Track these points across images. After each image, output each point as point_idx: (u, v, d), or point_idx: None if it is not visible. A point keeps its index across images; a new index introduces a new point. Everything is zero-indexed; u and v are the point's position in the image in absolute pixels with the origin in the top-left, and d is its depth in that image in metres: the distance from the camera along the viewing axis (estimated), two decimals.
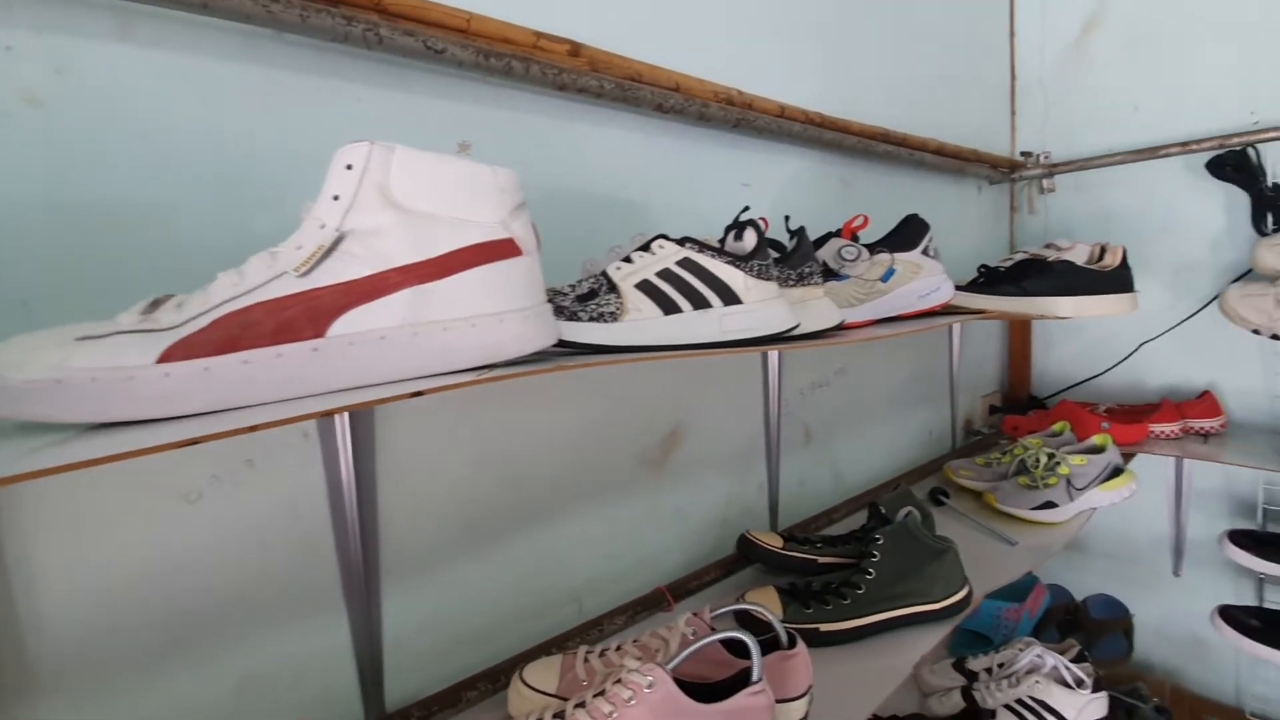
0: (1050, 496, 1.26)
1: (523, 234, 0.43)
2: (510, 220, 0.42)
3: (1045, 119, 1.75)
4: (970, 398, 1.75)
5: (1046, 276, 1.08)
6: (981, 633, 1.51)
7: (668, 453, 1.01)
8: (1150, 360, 1.65)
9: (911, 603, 0.88)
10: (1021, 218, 1.82)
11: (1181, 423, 1.49)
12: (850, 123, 1.17)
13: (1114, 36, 1.63)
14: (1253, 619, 1.38)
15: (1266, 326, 1.28)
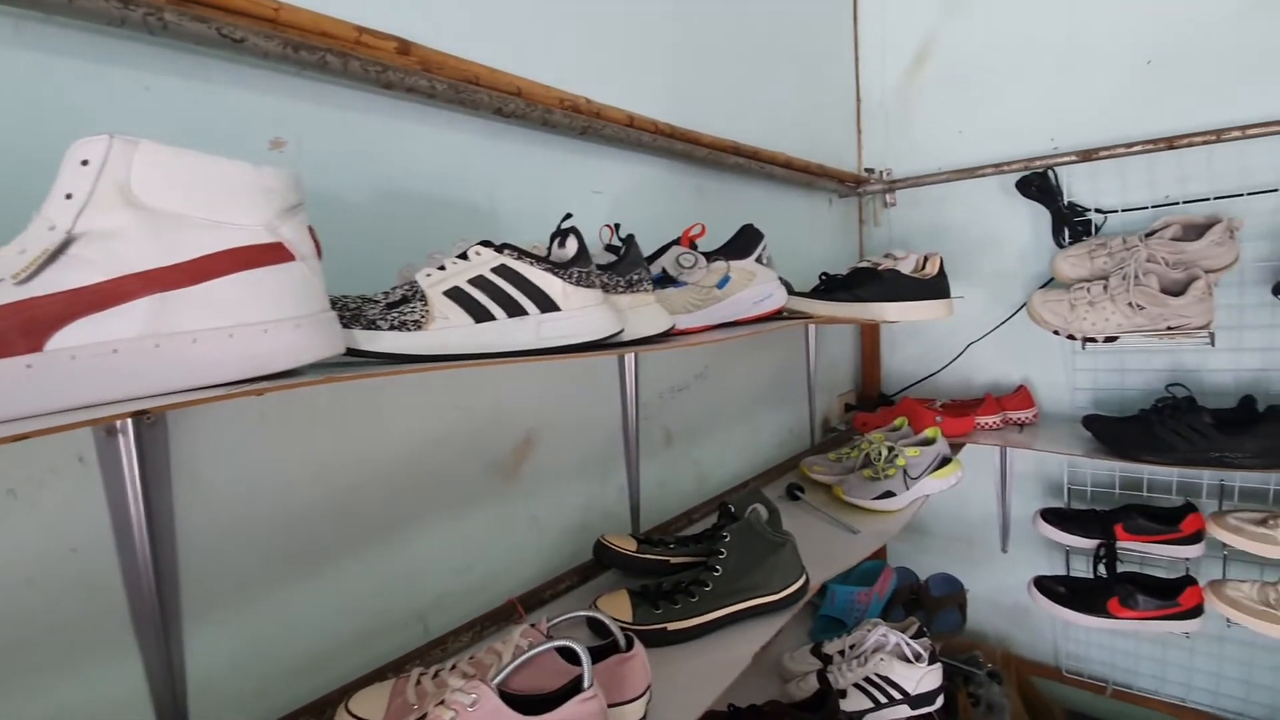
0: (890, 486, 1.36)
1: (295, 238, 0.40)
2: (279, 223, 0.40)
3: (887, 139, 1.90)
4: (828, 397, 1.87)
5: (876, 284, 1.16)
6: (838, 618, 1.61)
7: (520, 461, 1.00)
8: (977, 359, 1.82)
9: (754, 595, 0.92)
10: (869, 229, 1.97)
11: (1001, 415, 1.67)
12: (701, 135, 1.21)
13: (941, 68, 1.80)
14: (1061, 587, 1.56)
15: (1063, 328, 1.45)
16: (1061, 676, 1.80)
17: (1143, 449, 1.37)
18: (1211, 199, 1.45)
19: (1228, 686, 1.60)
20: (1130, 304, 1.36)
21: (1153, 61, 1.51)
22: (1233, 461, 1.29)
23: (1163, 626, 1.42)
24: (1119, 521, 1.48)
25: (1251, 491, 1.47)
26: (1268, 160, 1.39)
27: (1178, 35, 1.47)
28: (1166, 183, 1.51)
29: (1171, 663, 1.66)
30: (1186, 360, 1.54)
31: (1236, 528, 1.35)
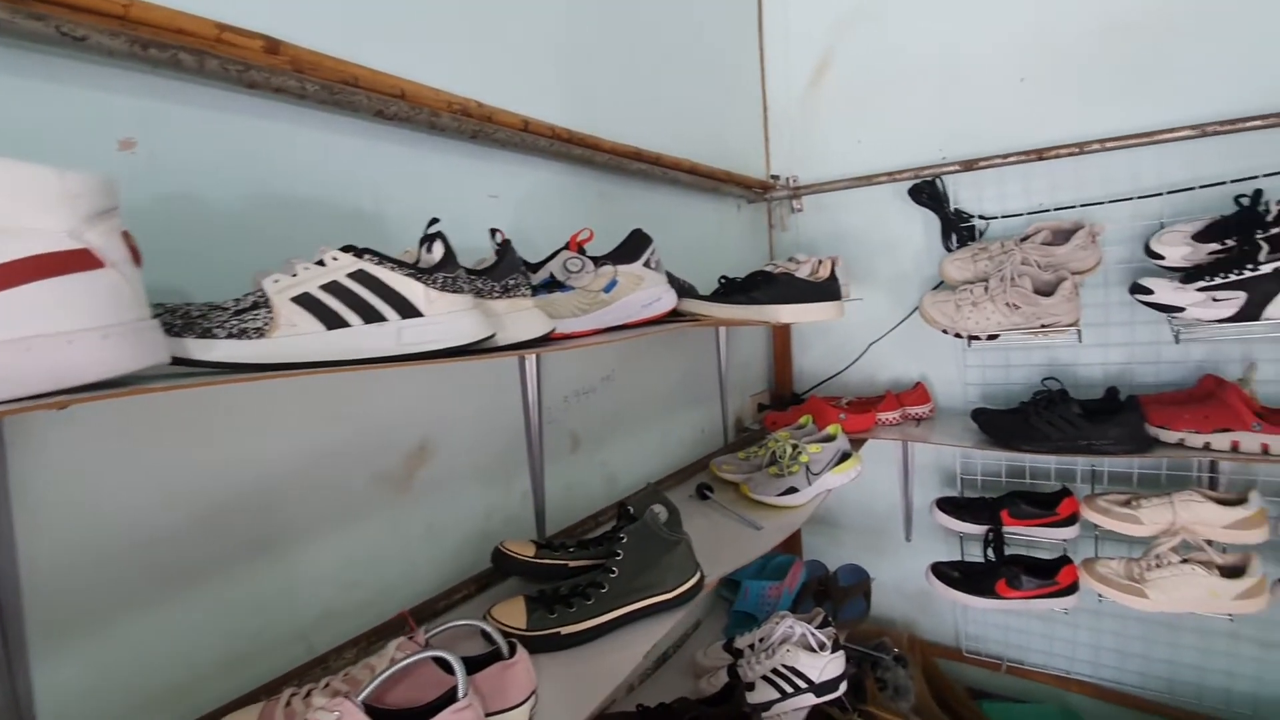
0: (793, 483, 1.41)
1: (105, 244, 0.39)
2: (85, 229, 0.38)
3: (792, 146, 1.97)
4: (741, 397, 1.91)
5: (771, 287, 1.20)
6: (751, 613, 1.65)
7: (414, 469, 0.98)
8: (879, 358, 1.91)
9: (649, 595, 0.93)
10: (778, 234, 2.03)
11: (901, 410, 1.75)
12: (601, 140, 1.23)
13: (840, 79, 1.88)
14: (955, 572, 1.65)
15: (951, 327, 1.54)
16: (962, 656, 1.91)
17: (1021, 439, 1.47)
18: (1078, 206, 1.57)
19: (1105, 656, 1.73)
20: (1008, 304, 1.46)
21: (1025, 79, 1.62)
22: (1099, 448, 1.40)
23: (1044, 604, 1.52)
24: (1005, 508, 1.58)
25: (1119, 475, 1.60)
26: (1125, 170, 1.52)
27: (1046, 55, 1.59)
28: (1040, 191, 1.62)
29: (1056, 637, 1.78)
30: (1061, 355, 1.66)
31: (1105, 509, 1.46)
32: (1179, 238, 1.37)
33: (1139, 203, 1.52)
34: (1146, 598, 1.38)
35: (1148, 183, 1.50)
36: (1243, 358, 1.47)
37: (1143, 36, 1.48)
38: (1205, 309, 1.29)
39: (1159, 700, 1.67)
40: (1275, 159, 1.35)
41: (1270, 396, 1.44)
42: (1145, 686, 1.70)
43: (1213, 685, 1.62)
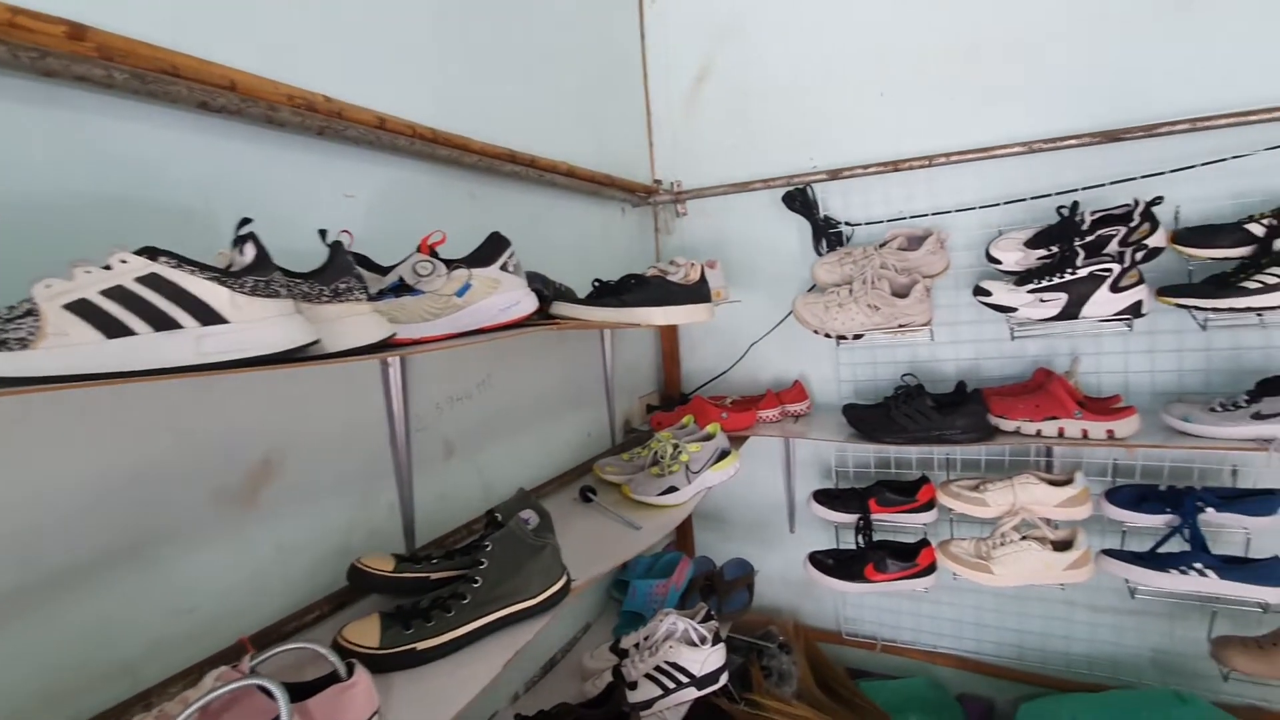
0: (673, 482, 1.43)
1: None
2: None
3: (675, 151, 2.01)
4: (629, 399, 1.93)
5: (643, 290, 1.22)
6: (640, 612, 1.67)
7: (259, 486, 0.92)
8: (761, 358, 1.98)
9: (513, 602, 0.92)
10: (664, 237, 2.07)
11: (780, 408, 1.82)
12: (470, 141, 1.20)
13: (719, 88, 1.94)
14: (830, 559, 1.73)
15: (820, 327, 1.62)
16: (842, 639, 2.01)
17: (884, 432, 1.57)
18: (930, 214, 1.69)
19: (965, 629, 1.88)
20: (869, 305, 1.55)
21: (884, 94, 1.73)
22: (949, 437, 1.51)
23: (908, 585, 1.63)
24: (873, 497, 1.68)
25: (970, 462, 1.74)
26: (972, 182, 1.66)
27: (902, 73, 1.70)
28: (899, 199, 1.74)
29: (924, 615, 1.91)
30: (920, 353, 1.79)
31: (957, 494, 1.58)
32: (1013, 244, 1.51)
33: (983, 212, 1.66)
34: (992, 573, 1.51)
35: (990, 194, 1.63)
36: (1071, 352, 1.63)
37: (983, 59, 1.61)
38: (1034, 309, 1.42)
39: (1011, 666, 1.83)
40: (1090, 174, 1.52)
41: (1091, 387, 1.61)
42: (1000, 655, 1.85)
43: (1055, 649, 1.79)
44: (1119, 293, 1.36)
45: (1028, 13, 1.56)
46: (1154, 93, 1.46)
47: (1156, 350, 1.55)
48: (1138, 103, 1.47)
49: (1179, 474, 1.52)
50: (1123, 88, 1.48)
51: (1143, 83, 1.47)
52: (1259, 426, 1.28)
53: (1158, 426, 1.42)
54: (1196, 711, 1.49)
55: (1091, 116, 1.50)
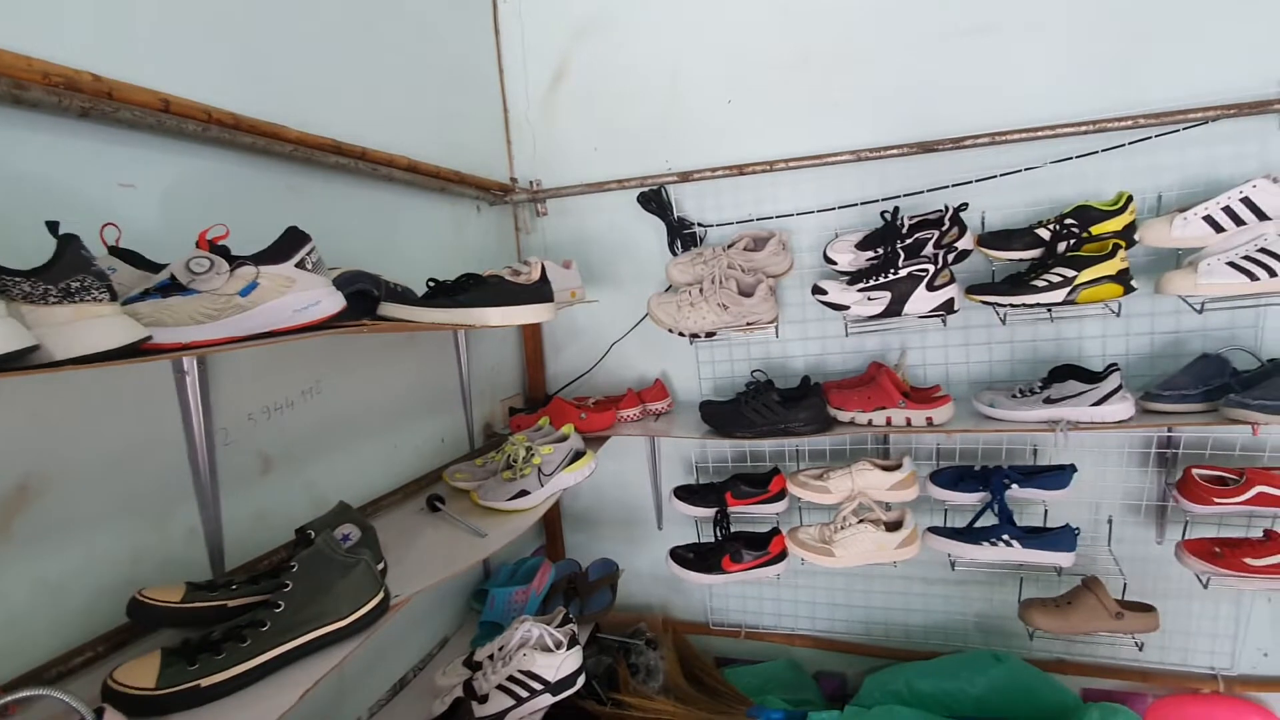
0: (524, 485, 1.40)
1: None
2: None
3: (535, 150, 1.98)
4: (490, 401, 1.88)
5: (480, 290, 1.18)
6: (499, 622, 1.62)
7: (12, 515, 0.80)
8: (625, 357, 1.99)
9: (320, 625, 0.86)
10: (525, 237, 2.03)
11: (641, 407, 1.84)
12: (283, 128, 1.11)
13: (578, 88, 1.93)
14: (690, 553, 1.77)
15: (674, 326, 1.65)
16: (709, 630, 2.06)
17: (735, 426, 1.62)
18: (775, 217, 1.77)
19: (819, 610, 1.98)
20: (719, 304, 1.60)
21: (732, 101, 1.79)
22: (793, 430, 1.58)
23: (762, 573, 1.69)
24: (728, 490, 1.73)
25: (817, 452, 1.83)
26: (812, 187, 1.74)
27: (747, 81, 1.77)
28: (748, 202, 1.80)
29: (783, 599, 2.00)
30: (773, 349, 1.86)
31: (803, 483, 1.66)
32: (845, 246, 1.60)
33: (825, 215, 1.75)
34: (834, 556, 1.60)
35: (828, 198, 1.73)
36: (901, 346, 1.76)
37: (816, 72, 1.70)
38: (863, 306, 1.52)
39: (861, 642, 1.95)
40: (910, 182, 1.64)
41: (919, 378, 1.74)
42: (850, 632, 1.97)
43: (896, 622, 1.92)
44: (934, 291, 1.47)
45: (851, 29, 1.66)
46: (962, 108, 1.60)
47: (971, 343, 1.71)
48: (948, 117, 1.60)
49: (991, 455, 1.68)
50: (935, 103, 1.62)
51: (952, 99, 1.61)
52: (1049, 410, 1.44)
53: (970, 412, 1.56)
54: (1009, 668, 1.65)
55: (909, 129, 1.62)
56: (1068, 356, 1.62)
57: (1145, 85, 1.50)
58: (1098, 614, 1.51)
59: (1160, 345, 1.59)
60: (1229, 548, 1.42)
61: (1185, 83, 1.48)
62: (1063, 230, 1.43)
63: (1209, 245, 1.37)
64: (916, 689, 1.68)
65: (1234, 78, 1.45)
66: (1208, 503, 1.42)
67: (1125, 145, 1.49)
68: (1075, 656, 1.77)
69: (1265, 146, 1.47)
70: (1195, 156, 1.49)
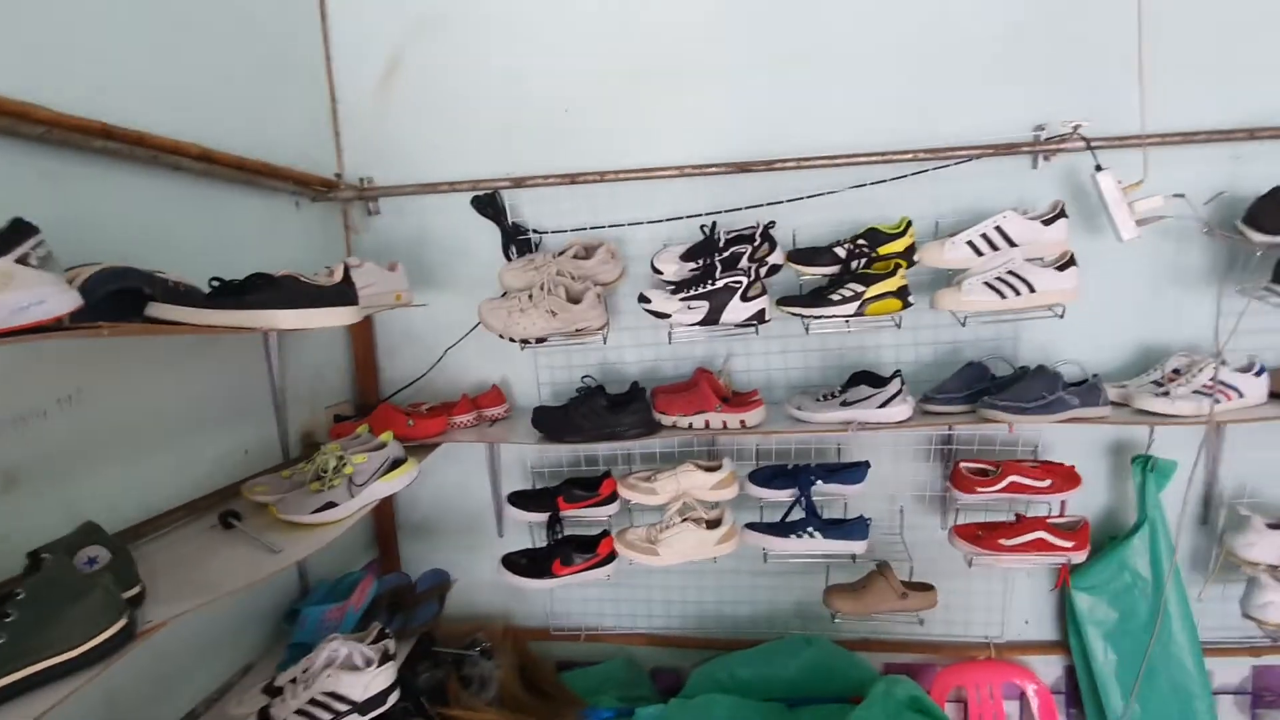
0: (331, 497, 1.34)
1: None
2: None
3: (367, 145, 1.90)
4: (311, 410, 1.77)
5: (271, 290, 1.12)
6: (311, 643, 1.53)
7: None
8: (463, 362, 1.96)
9: (45, 656, 0.77)
10: (357, 236, 1.94)
11: (476, 412, 1.82)
12: (34, 108, 0.99)
13: (414, 84, 1.87)
14: (523, 559, 1.76)
15: (505, 331, 1.65)
16: (550, 635, 2.06)
17: (565, 431, 1.64)
18: (609, 226, 1.81)
19: (655, 608, 2.05)
20: (548, 310, 1.61)
21: (569, 110, 1.82)
22: (619, 434, 1.63)
23: (592, 575, 1.72)
24: (560, 494, 1.75)
25: (649, 455, 1.89)
26: (645, 199, 1.80)
27: (584, 90, 1.80)
28: (584, 210, 1.83)
29: (621, 599, 2.04)
30: (610, 355, 1.91)
31: (633, 485, 1.71)
32: (671, 257, 1.67)
33: (660, 226, 1.81)
34: (659, 555, 1.66)
35: (659, 210, 1.80)
36: (727, 353, 1.86)
37: (645, 87, 1.77)
38: (684, 315, 1.59)
39: (694, 635, 2.03)
40: (730, 199, 1.74)
41: (745, 383, 1.85)
42: (685, 627, 2.05)
43: (726, 614, 2.03)
44: (748, 301, 1.58)
45: (681, 51, 1.75)
46: (775, 133, 1.73)
47: (789, 351, 1.84)
48: (764, 140, 1.72)
49: (804, 454, 1.82)
50: (752, 127, 1.74)
51: (767, 124, 1.73)
52: (844, 411, 1.58)
53: (783, 415, 1.68)
54: (818, 650, 1.80)
55: (729, 149, 1.73)
56: (868, 363, 1.79)
57: (927, 124, 1.69)
58: (886, 595, 1.68)
59: (941, 354, 1.80)
60: (988, 530, 1.63)
61: (959, 125, 1.68)
62: (856, 250, 1.59)
63: (971, 267, 1.56)
64: (737, 676, 1.78)
65: (997, 124, 1.68)
66: (972, 491, 1.62)
67: (908, 176, 1.67)
68: (878, 635, 1.95)
69: (1021, 182, 1.71)
70: (967, 188, 1.70)
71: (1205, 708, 1.68)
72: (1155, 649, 1.64)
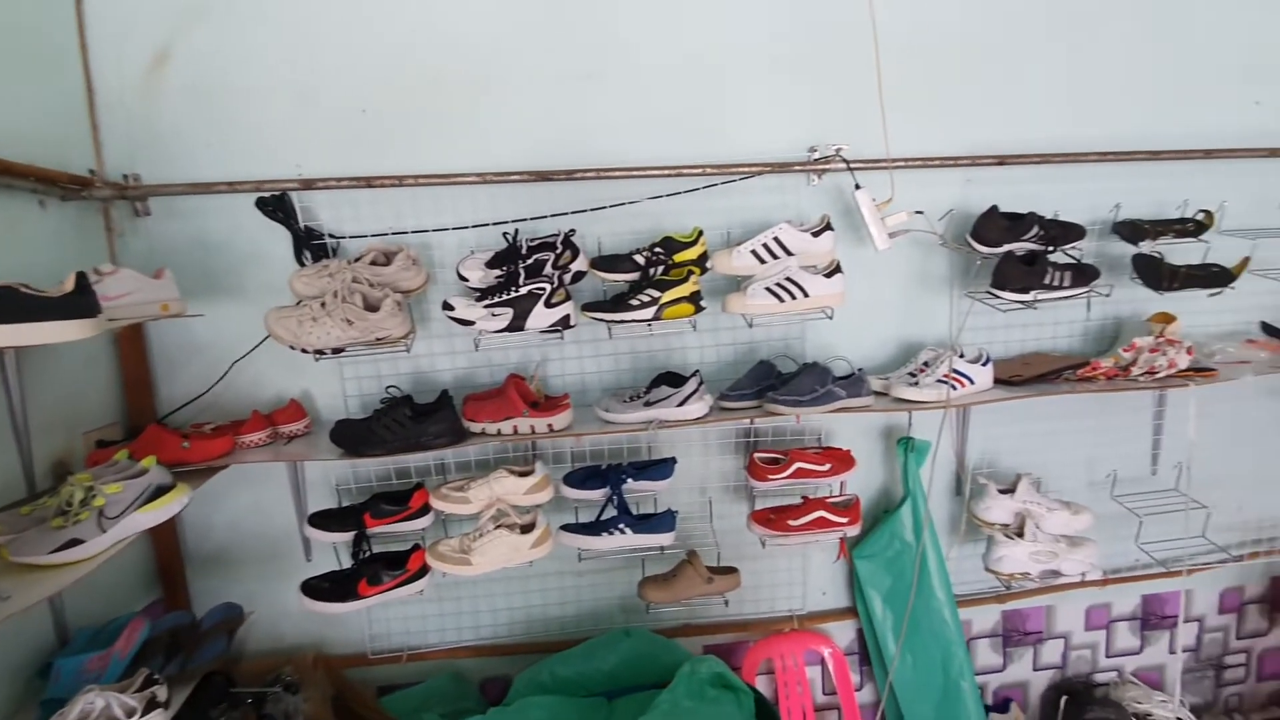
0: (77, 533, 1.19)
1: None
2: None
3: (135, 141, 1.71)
4: (66, 436, 1.56)
5: None
6: (67, 698, 1.35)
7: None
8: (258, 376, 1.81)
9: None
10: (123, 240, 1.74)
11: (271, 429, 1.69)
12: None
13: (185, 75, 1.71)
14: (326, 583, 1.67)
15: (295, 342, 1.55)
16: (368, 660, 1.97)
17: (367, 445, 1.58)
18: (412, 232, 1.77)
19: (482, 619, 2.02)
20: (344, 319, 1.55)
21: (366, 111, 1.75)
22: (426, 444, 1.60)
23: (404, 592, 1.67)
24: (367, 511, 1.68)
25: (464, 464, 1.87)
26: (450, 205, 1.78)
27: (385, 93, 1.75)
28: (388, 215, 1.77)
29: (446, 614, 2.00)
30: (423, 364, 1.86)
31: (445, 496, 1.68)
32: (476, 264, 1.67)
33: (466, 232, 1.80)
34: (471, 564, 1.65)
35: (465, 216, 1.79)
36: (541, 358, 1.89)
37: (447, 91, 1.75)
38: (488, 322, 1.59)
39: (522, 641, 2.03)
40: (535, 206, 1.77)
41: (560, 387, 1.89)
42: (513, 634, 2.04)
43: (553, 616, 2.05)
44: (552, 308, 1.61)
45: (481, 59, 1.75)
46: (575, 144, 1.78)
47: (601, 355, 1.90)
48: (565, 149, 1.77)
49: (620, 454, 1.89)
50: (552, 137, 1.78)
51: (567, 135, 1.79)
52: (646, 411, 1.66)
53: (593, 417, 1.73)
54: (637, 641, 1.87)
55: (530, 158, 1.76)
56: (675, 365, 1.89)
57: (718, 142, 1.83)
58: (694, 581, 1.79)
59: (740, 353, 1.95)
60: (779, 513, 1.79)
61: (746, 143, 1.84)
62: (654, 257, 1.68)
63: (756, 273, 1.71)
64: (558, 675, 1.81)
65: (778, 144, 1.85)
66: (765, 479, 1.77)
67: (699, 189, 1.80)
68: (697, 619, 2.07)
69: (800, 197, 1.90)
70: (756, 201, 1.86)
71: (961, 652, 1.95)
72: (917, 604, 1.89)
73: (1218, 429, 2.14)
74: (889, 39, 1.74)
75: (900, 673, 1.95)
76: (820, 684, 2.19)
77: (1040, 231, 1.78)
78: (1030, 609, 2.24)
